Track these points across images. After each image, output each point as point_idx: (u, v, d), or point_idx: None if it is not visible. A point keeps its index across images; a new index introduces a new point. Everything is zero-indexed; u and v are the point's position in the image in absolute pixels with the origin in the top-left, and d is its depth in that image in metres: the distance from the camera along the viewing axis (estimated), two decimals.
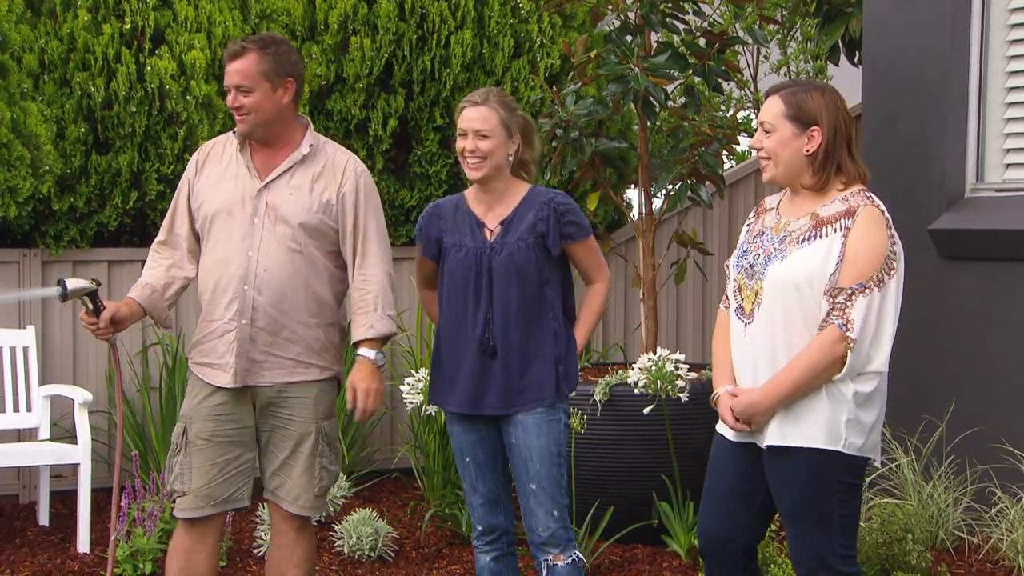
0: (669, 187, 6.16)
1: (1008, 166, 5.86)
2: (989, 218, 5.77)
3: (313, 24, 7.25)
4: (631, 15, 6.06)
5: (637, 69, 5.81)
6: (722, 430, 3.72)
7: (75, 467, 5.87)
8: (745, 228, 3.78)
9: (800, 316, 3.51)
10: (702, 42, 6.00)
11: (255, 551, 5.63)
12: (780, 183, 3.65)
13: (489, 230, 4.04)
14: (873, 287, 3.45)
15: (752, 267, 3.62)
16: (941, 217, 5.93)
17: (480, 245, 4.02)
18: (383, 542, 5.60)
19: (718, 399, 3.68)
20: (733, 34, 6.17)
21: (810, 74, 12.13)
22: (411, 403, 5.78)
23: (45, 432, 6.16)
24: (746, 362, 3.63)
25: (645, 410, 5.48)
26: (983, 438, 5.61)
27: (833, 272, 3.47)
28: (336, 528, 5.70)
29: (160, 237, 4.21)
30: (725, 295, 3.78)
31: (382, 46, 7.05)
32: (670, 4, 5.98)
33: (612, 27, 6.03)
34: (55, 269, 6.52)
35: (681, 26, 6.06)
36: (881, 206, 3.54)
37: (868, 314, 3.44)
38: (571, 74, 6.39)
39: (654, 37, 6.16)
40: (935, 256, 5.95)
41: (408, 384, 5.81)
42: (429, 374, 4.21)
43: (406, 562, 5.58)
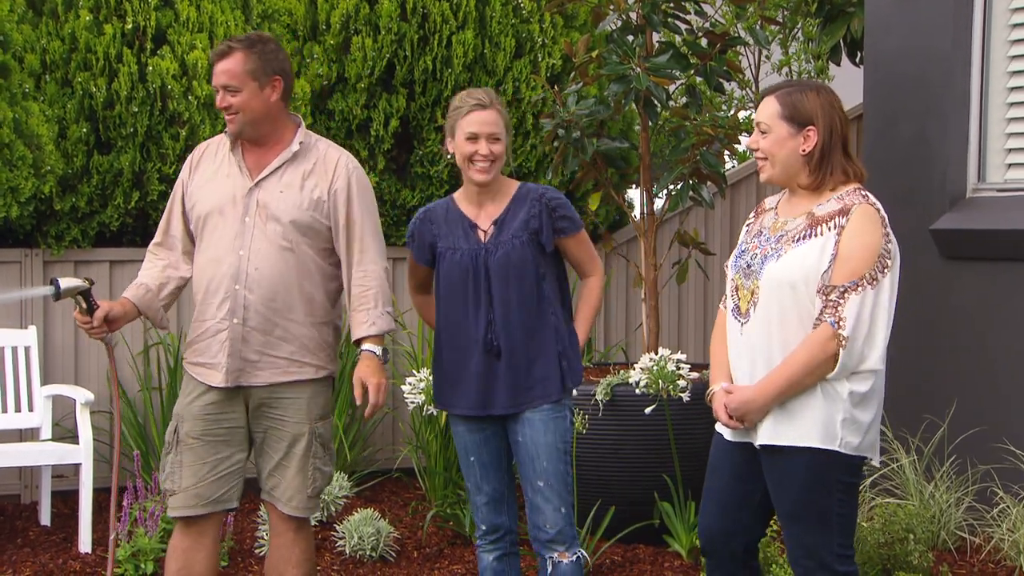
0: (671, 187, 6.16)
1: (1010, 166, 5.86)
2: (991, 218, 5.77)
3: (315, 24, 7.25)
4: (633, 15, 6.06)
5: (639, 69, 5.81)
6: (721, 430, 3.72)
7: (77, 467, 5.88)
8: (744, 228, 3.80)
9: (796, 315, 3.51)
10: (704, 42, 6.00)
11: (257, 551, 5.63)
12: (777, 183, 3.66)
13: (482, 231, 4.04)
14: (866, 285, 3.46)
15: (749, 266, 3.63)
16: (943, 217, 5.93)
17: (475, 246, 4.02)
18: (385, 542, 5.60)
19: (713, 396, 3.70)
20: (735, 34, 6.17)
21: (811, 74, 12.13)
22: (412, 403, 5.78)
23: (47, 432, 6.16)
24: (743, 361, 3.64)
25: (647, 410, 5.48)
26: (985, 438, 5.61)
27: (826, 270, 3.48)
28: (338, 528, 5.70)
29: (156, 239, 4.21)
30: (725, 294, 3.79)
31: (384, 46, 7.05)
32: (672, 4, 5.97)
33: (614, 27, 6.03)
34: (57, 269, 6.53)
35: (683, 26, 6.06)
36: (877, 204, 3.54)
37: (861, 312, 3.45)
38: (573, 74, 6.39)
39: (656, 37, 6.16)
40: (936, 256, 5.95)
41: (410, 384, 5.81)
42: (432, 379, 4.20)
43: (408, 562, 5.58)
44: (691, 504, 5.48)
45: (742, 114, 12.67)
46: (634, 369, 5.58)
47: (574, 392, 4.12)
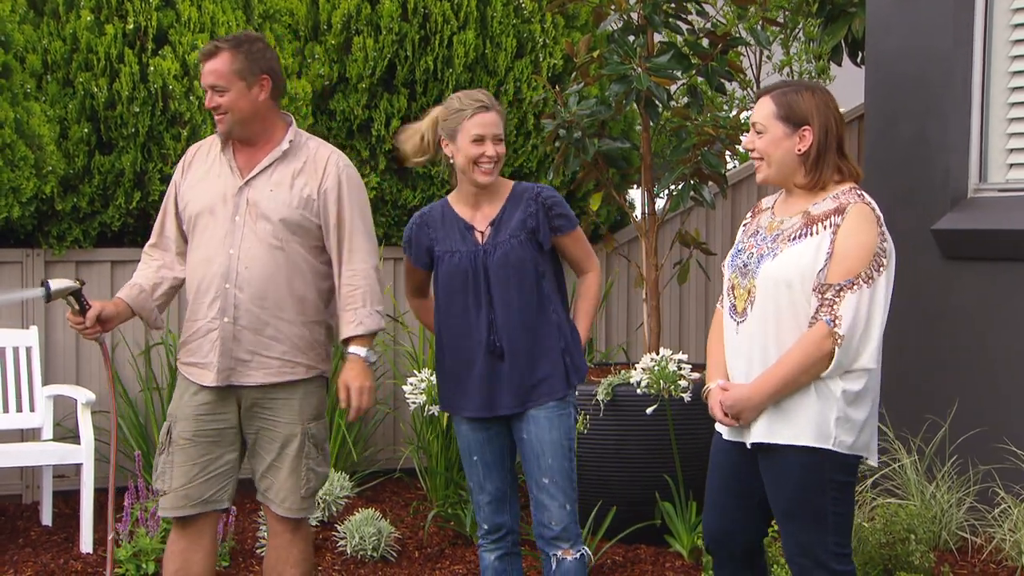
0: (672, 187, 6.17)
1: (1011, 166, 5.86)
2: (992, 218, 5.77)
3: (316, 24, 7.25)
4: (634, 15, 6.06)
5: (640, 69, 5.81)
6: (721, 429, 3.73)
7: (78, 467, 5.88)
8: (741, 228, 3.81)
9: (792, 314, 3.52)
10: (705, 42, 6.00)
11: (258, 551, 5.63)
12: (774, 183, 3.67)
13: (480, 232, 4.03)
14: (862, 283, 3.47)
15: (746, 266, 3.64)
16: (944, 217, 5.92)
17: (473, 248, 4.01)
18: (386, 542, 5.60)
19: (709, 393, 3.70)
20: (736, 35, 6.17)
21: (812, 74, 12.14)
22: (414, 403, 5.78)
23: (48, 432, 6.17)
24: (739, 360, 3.64)
25: (648, 410, 5.48)
26: (986, 438, 5.61)
27: (822, 268, 3.49)
28: (339, 528, 5.70)
29: (151, 240, 4.22)
30: (722, 294, 3.80)
31: (385, 46, 7.05)
32: (673, 4, 5.98)
33: (615, 27, 6.04)
34: (58, 269, 6.53)
35: (684, 26, 6.06)
36: (872, 203, 3.55)
37: (857, 310, 3.46)
38: (574, 74, 6.39)
39: (657, 37, 6.16)
40: (937, 256, 5.95)
41: (411, 384, 5.81)
42: (436, 382, 4.19)
43: (409, 562, 5.58)
44: (692, 504, 5.48)
45: (743, 114, 12.65)
46: (635, 369, 5.58)
47: (580, 383, 4.12)
